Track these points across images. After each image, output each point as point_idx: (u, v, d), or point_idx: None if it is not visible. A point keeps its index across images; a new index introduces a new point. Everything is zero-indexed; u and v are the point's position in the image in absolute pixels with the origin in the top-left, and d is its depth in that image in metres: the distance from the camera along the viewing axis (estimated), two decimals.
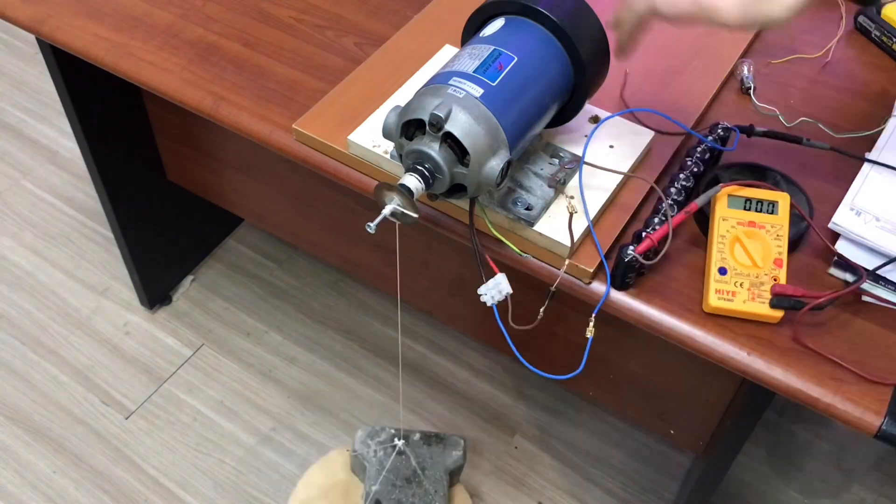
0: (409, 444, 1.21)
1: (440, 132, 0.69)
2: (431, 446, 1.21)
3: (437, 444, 1.22)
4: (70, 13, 1.05)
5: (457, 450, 1.22)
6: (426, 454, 1.21)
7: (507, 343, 0.80)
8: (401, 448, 1.19)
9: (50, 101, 2.10)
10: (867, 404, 0.71)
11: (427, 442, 1.22)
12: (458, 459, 1.21)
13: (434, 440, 1.23)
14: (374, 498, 1.16)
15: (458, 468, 1.23)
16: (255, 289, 1.74)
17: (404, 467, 1.19)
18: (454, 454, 1.21)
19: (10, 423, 1.52)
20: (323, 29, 1.04)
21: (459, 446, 1.22)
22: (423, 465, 1.19)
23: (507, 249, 0.81)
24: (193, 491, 1.45)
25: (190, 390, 1.58)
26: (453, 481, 1.24)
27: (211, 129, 1.30)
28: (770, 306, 0.74)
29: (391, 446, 1.21)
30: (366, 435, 1.23)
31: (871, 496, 1.46)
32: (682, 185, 0.82)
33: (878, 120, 0.94)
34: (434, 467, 1.19)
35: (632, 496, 1.46)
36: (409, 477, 1.18)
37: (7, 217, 1.85)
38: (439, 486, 1.18)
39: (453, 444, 1.22)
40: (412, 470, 1.19)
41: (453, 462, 1.21)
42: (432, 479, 1.18)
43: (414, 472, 1.18)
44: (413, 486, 1.18)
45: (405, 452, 1.19)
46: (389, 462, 1.19)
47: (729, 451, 1.01)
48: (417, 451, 1.21)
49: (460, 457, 1.22)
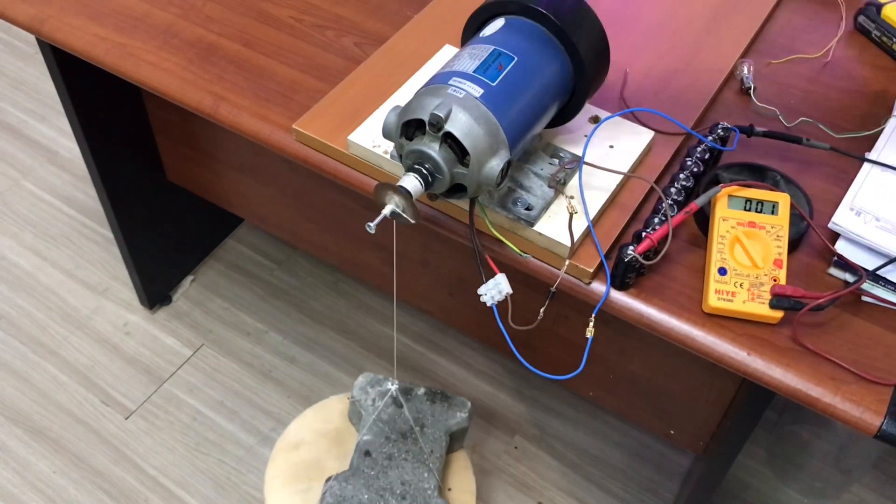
0: (410, 398, 1.14)
1: (440, 132, 0.69)
2: (435, 403, 1.13)
3: (442, 403, 1.14)
4: (70, 13, 1.05)
5: (462, 411, 1.13)
6: (427, 411, 1.13)
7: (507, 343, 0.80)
8: (397, 397, 1.13)
9: (50, 101, 2.10)
10: (867, 404, 0.71)
11: (431, 399, 1.14)
12: (462, 422, 1.13)
13: (439, 398, 1.14)
14: (364, 448, 1.08)
15: (461, 431, 1.14)
16: (255, 289, 1.74)
17: (402, 421, 1.11)
18: (458, 415, 1.12)
19: (10, 423, 1.52)
20: (323, 29, 1.04)
21: (465, 408, 1.13)
22: (423, 421, 1.11)
23: (507, 249, 0.81)
24: (193, 491, 1.45)
25: (190, 390, 1.58)
26: (455, 446, 1.16)
27: (211, 129, 1.30)
28: (770, 307, 0.74)
29: (391, 397, 1.13)
30: (366, 382, 1.15)
31: (871, 496, 1.47)
32: (681, 185, 0.82)
33: (878, 120, 0.94)
34: (434, 426, 1.11)
35: (632, 496, 1.46)
36: (406, 432, 1.10)
37: (7, 217, 1.85)
38: (437, 446, 1.09)
39: (459, 405, 1.14)
40: (410, 425, 1.10)
41: (456, 424, 1.12)
42: (430, 437, 1.10)
43: (411, 428, 1.10)
44: (408, 443, 1.09)
45: (404, 406, 1.13)
46: (386, 413, 1.11)
47: (729, 451, 1.01)
48: (419, 407, 1.13)
49: (464, 419, 1.13)
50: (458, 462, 1.16)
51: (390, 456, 1.08)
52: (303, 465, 1.14)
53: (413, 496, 1.05)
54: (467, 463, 1.17)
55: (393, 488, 1.05)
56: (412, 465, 1.07)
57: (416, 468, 1.07)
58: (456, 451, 1.16)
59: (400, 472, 1.06)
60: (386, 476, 1.06)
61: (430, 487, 1.05)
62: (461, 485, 1.12)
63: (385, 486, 1.05)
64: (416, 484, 1.06)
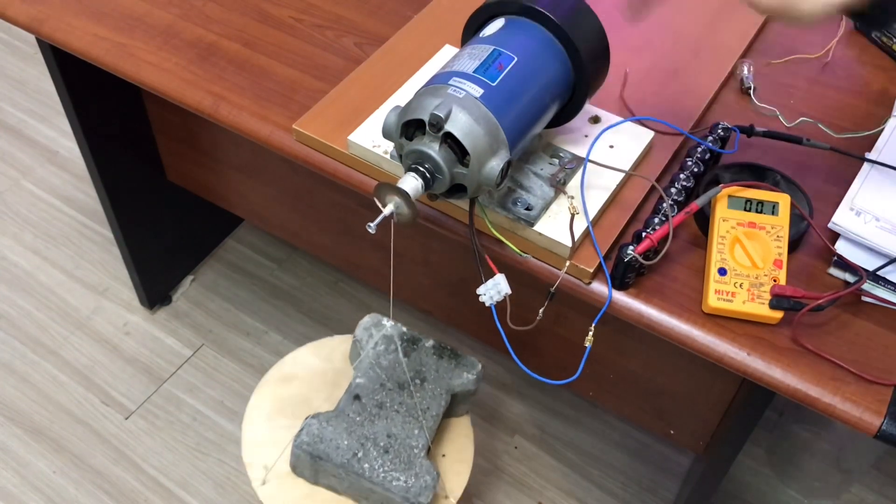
0: (416, 349, 1.04)
1: (440, 132, 0.69)
2: (442, 359, 1.03)
3: (450, 360, 1.04)
4: (70, 13, 1.05)
5: (469, 372, 1.03)
6: (432, 365, 1.03)
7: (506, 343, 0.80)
8: (392, 339, 1.03)
9: (50, 101, 2.10)
10: (867, 404, 0.71)
11: (439, 353, 1.04)
12: (468, 383, 1.02)
13: (448, 354, 1.04)
14: (355, 391, 0.99)
15: (466, 394, 1.04)
16: (255, 289, 1.74)
17: (402, 371, 1.02)
18: (465, 376, 1.02)
19: (10, 423, 1.52)
20: (323, 29, 1.04)
21: (474, 370, 1.03)
22: (425, 375, 1.01)
23: (507, 249, 0.80)
24: (193, 491, 1.45)
25: (190, 390, 1.58)
26: (458, 409, 1.06)
27: (211, 129, 1.30)
28: (769, 307, 0.74)
29: (395, 343, 1.04)
30: (372, 323, 1.06)
31: (871, 496, 1.47)
32: (682, 185, 0.82)
33: (878, 120, 0.94)
34: (436, 382, 1.01)
35: (632, 496, 1.46)
36: (404, 383, 1.01)
37: (7, 217, 1.85)
38: (434, 404, 0.99)
39: (467, 365, 1.04)
40: (410, 376, 1.01)
41: (461, 384, 1.02)
42: (429, 393, 1.00)
43: (411, 380, 1.01)
44: (404, 395, 0.99)
45: (407, 355, 1.03)
46: (387, 359, 1.02)
47: (729, 451, 1.01)
48: (423, 359, 1.03)
49: (470, 381, 1.03)
50: (459, 428, 1.07)
51: (381, 404, 0.99)
52: (290, 400, 1.05)
53: (397, 451, 0.95)
54: (469, 431, 1.07)
55: (377, 439, 0.96)
56: (403, 419, 0.97)
57: (406, 423, 0.97)
58: (460, 415, 1.07)
59: (388, 423, 0.97)
60: (372, 425, 0.97)
61: (417, 446, 0.96)
62: (458, 454, 1.03)
63: (368, 436, 0.96)
64: (403, 439, 0.96)
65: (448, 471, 1.00)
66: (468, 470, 1.01)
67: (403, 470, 0.93)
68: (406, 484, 0.92)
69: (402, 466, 0.93)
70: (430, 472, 0.93)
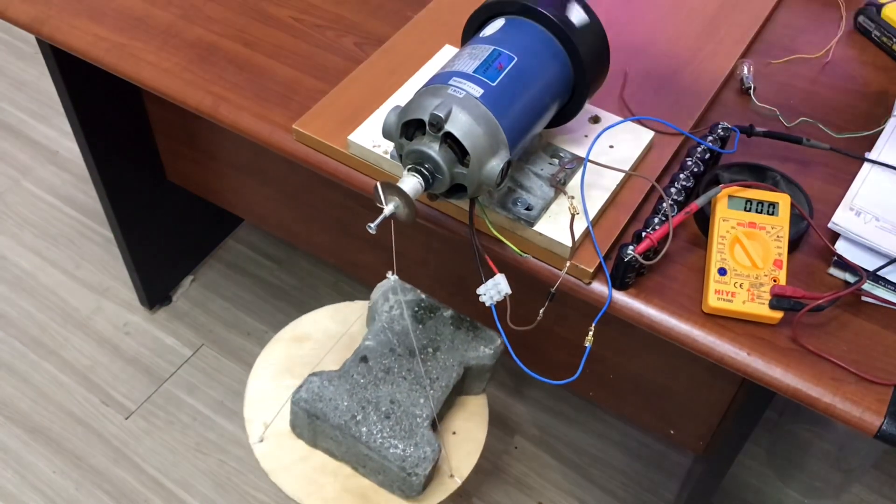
0: (433, 318, 0.98)
1: (440, 132, 0.69)
2: (459, 330, 0.97)
3: (467, 332, 0.97)
4: (70, 13, 1.05)
5: (487, 346, 0.96)
6: (448, 335, 0.97)
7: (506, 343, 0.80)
8: (412, 305, 0.97)
9: (50, 101, 2.10)
10: (867, 404, 0.71)
11: (457, 324, 0.97)
12: (484, 358, 0.95)
13: (466, 326, 0.98)
14: (363, 353, 0.95)
15: (482, 370, 0.97)
16: (255, 289, 1.74)
17: (415, 338, 0.96)
18: (481, 349, 0.95)
19: (10, 423, 1.52)
20: (323, 29, 1.04)
21: (492, 344, 0.96)
22: (439, 344, 0.95)
23: (507, 249, 0.81)
24: (193, 491, 1.45)
25: (190, 390, 1.58)
26: (474, 386, 1.00)
27: (211, 129, 1.30)
28: (769, 307, 0.74)
29: (412, 309, 0.98)
30: (389, 286, 1.00)
31: (871, 496, 1.47)
32: (682, 185, 0.82)
33: (878, 120, 0.94)
34: (450, 353, 0.95)
35: (632, 496, 1.46)
36: (414, 350, 0.95)
37: (7, 217, 1.85)
38: (445, 375, 0.93)
39: (485, 339, 0.96)
40: (423, 344, 0.95)
41: (475, 358, 0.95)
42: (441, 363, 0.94)
43: (423, 348, 0.95)
44: (413, 362, 0.94)
45: (423, 322, 0.97)
46: (400, 325, 0.96)
47: (729, 451, 1.01)
48: (439, 328, 0.97)
49: (487, 356, 0.96)
50: (473, 407, 1.00)
51: (388, 369, 0.94)
52: (300, 360, 1.01)
53: (398, 419, 0.90)
54: (484, 411, 1.00)
55: (379, 404, 0.91)
56: (409, 387, 0.92)
57: (413, 391, 0.92)
58: (476, 393, 1.01)
59: (393, 389, 0.92)
60: (376, 389, 0.92)
61: (421, 416, 0.91)
62: (469, 432, 0.97)
63: (371, 399, 0.92)
64: (406, 407, 0.91)
65: (457, 449, 0.95)
66: (478, 450, 0.96)
67: (403, 438, 0.88)
68: (403, 452, 0.87)
69: (403, 434, 0.89)
70: (431, 443, 0.88)
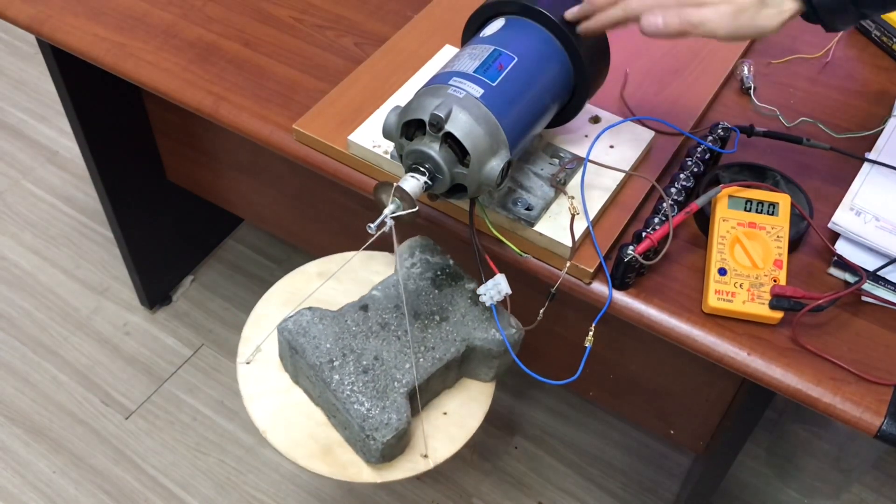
0: (454, 286, 0.88)
1: (440, 132, 0.69)
2: (476, 306, 0.86)
3: (483, 311, 0.85)
4: (70, 13, 1.05)
5: (499, 331, 0.84)
6: (461, 308, 0.86)
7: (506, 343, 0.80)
8: (432, 266, 0.87)
9: (50, 101, 2.10)
10: (867, 404, 0.71)
11: (475, 300, 0.86)
12: (491, 343, 0.83)
13: (482, 305, 0.85)
14: (365, 302, 0.87)
15: (487, 355, 0.85)
16: (256, 289, 1.74)
17: (425, 302, 0.86)
18: (491, 332, 0.83)
19: (10, 423, 1.52)
20: (323, 29, 1.04)
21: (511, 328, 0.84)
22: (447, 315, 0.85)
23: (507, 250, 0.80)
24: (193, 491, 1.45)
25: (190, 390, 1.58)
26: (480, 372, 0.88)
27: (211, 129, 1.30)
28: (769, 307, 0.74)
29: (430, 271, 0.88)
30: (418, 246, 0.90)
31: (871, 496, 1.46)
32: (682, 185, 0.82)
33: (878, 120, 0.94)
34: (456, 327, 0.84)
35: (632, 496, 1.46)
36: (420, 314, 0.86)
37: (7, 217, 1.85)
38: (441, 348, 0.83)
39: (505, 324, 0.84)
40: (431, 310, 0.86)
41: (483, 340, 0.83)
42: (442, 335, 0.84)
43: (430, 314, 0.85)
44: (413, 326, 0.85)
45: (440, 288, 0.87)
46: (415, 284, 0.87)
47: (729, 451, 1.01)
48: (455, 299, 0.87)
49: (494, 342, 0.83)
50: (476, 393, 0.89)
51: (385, 325, 0.86)
52: (316, 295, 0.94)
53: (376, 376, 0.82)
54: (486, 399, 0.89)
55: (361, 356, 0.84)
56: (400, 348, 0.84)
57: (401, 353, 0.84)
58: (483, 380, 0.89)
59: (382, 346, 0.84)
60: (365, 340, 0.84)
61: (401, 381, 0.81)
62: (461, 418, 0.86)
63: (355, 349, 0.84)
64: (388, 368, 0.82)
65: (440, 430, 0.86)
66: (465, 438, 0.86)
67: (372, 397, 0.81)
68: (367, 412, 0.80)
69: (373, 394, 0.81)
70: (399, 411, 0.79)
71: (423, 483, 1.46)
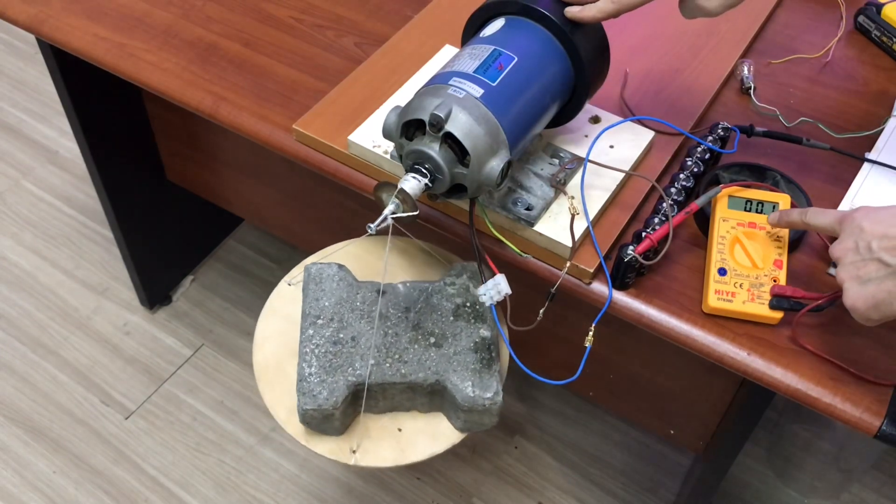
0: (470, 325, 0.82)
1: (440, 132, 0.69)
2: (473, 353, 0.81)
3: (475, 362, 0.80)
4: (70, 13, 1.05)
5: (472, 388, 0.78)
6: (459, 346, 0.81)
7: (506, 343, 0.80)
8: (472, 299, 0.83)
9: (50, 101, 2.10)
10: (867, 404, 0.71)
11: (478, 347, 0.82)
12: (460, 394, 0.78)
13: (482, 357, 0.81)
14: (386, 288, 0.85)
15: (453, 403, 0.79)
16: (256, 289, 1.74)
17: (433, 321, 0.83)
18: (466, 386, 0.78)
19: (10, 423, 1.52)
20: (323, 29, 1.04)
21: (477, 400, 0.78)
22: (441, 343, 0.82)
23: (507, 250, 0.80)
24: (193, 491, 1.45)
25: (190, 390, 1.58)
26: (449, 415, 0.82)
27: (211, 129, 1.30)
28: (769, 307, 0.74)
29: (461, 298, 0.84)
30: (470, 271, 0.86)
31: (871, 496, 1.46)
32: (682, 185, 0.82)
33: (878, 120, 0.94)
34: (441, 359, 0.80)
35: (632, 496, 1.46)
36: (420, 328, 0.82)
37: (7, 217, 1.85)
38: (412, 367, 0.80)
39: (481, 387, 0.78)
40: (432, 330, 0.82)
41: (454, 386, 0.79)
42: (422, 358, 0.81)
43: (428, 334, 0.82)
44: (406, 332, 0.82)
45: (456, 318, 0.83)
46: (444, 305, 0.84)
47: (729, 450, 1.01)
48: (460, 334, 0.82)
49: (466, 398, 0.78)
50: (441, 429, 0.82)
51: (385, 316, 0.83)
52: (370, 264, 0.91)
53: (339, 353, 0.81)
54: (445, 443, 0.82)
55: (342, 329, 0.82)
56: (380, 343, 0.82)
57: (377, 349, 0.82)
58: (454, 426, 0.82)
59: (369, 333, 0.82)
60: (359, 319, 0.83)
61: (355, 370, 0.79)
62: (410, 445, 0.81)
63: (343, 320, 0.83)
64: (354, 353, 0.81)
65: (384, 441, 0.82)
66: (396, 461, 0.81)
67: (321, 367, 0.79)
68: (307, 375, 0.79)
69: (325, 365, 0.80)
70: (332, 393, 0.78)
71: (423, 483, 1.46)
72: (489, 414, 0.79)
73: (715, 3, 0.75)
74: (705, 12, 0.76)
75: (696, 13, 0.77)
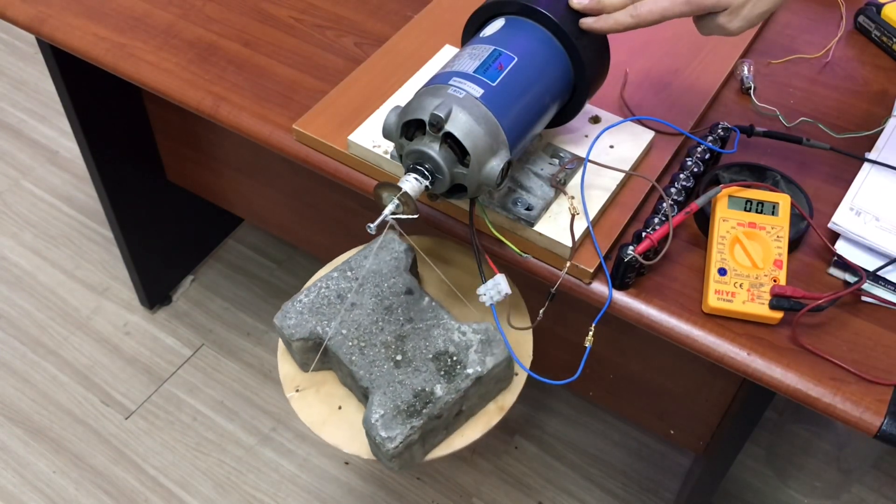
0: (455, 374, 0.77)
1: (440, 132, 0.69)
2: (440, 371, 0.78)
3: (441, 374, 0.78)
4: (70, 13, 1.05)
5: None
6: (427, 378, 0.78)
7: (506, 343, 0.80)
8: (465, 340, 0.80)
9: (50, 101, 2.10)
10: (867, 404, 0.71)
11: (439, 366, 0.79)
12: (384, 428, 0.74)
13: (446, 367, 0.78)
14: (410, 288, 0.84)
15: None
16: (255, 289, 1.74)
17: (425, 346, 0.80)
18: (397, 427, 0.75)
19: (10, 423, 1.52)
20: (323, 29, 1.04)
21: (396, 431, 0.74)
22: (411, 359, 0.80)
23: (507, 250, 0.81)
24: (193, 491, 1.45)
25: (190, 390, 1.58)
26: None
27: (211, 129, 1.30)
28: (769, 307, 0.74)
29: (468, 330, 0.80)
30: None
31: (871, 496, 1.46)
32: (682, 185, 0.82)
33: (878, 120, 0.94)
34: (415, 372, 0.78)
35: (632, 496, 1.46)
36: (405, 323, 0.82)
37: (7, 217, 1.85)
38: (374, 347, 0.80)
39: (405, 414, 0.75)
40: (417, 354, 0.80)
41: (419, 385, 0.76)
42: (371, 359, 0.79)
43: (410, 359, 0.80)
44: (400, 329, 0.81)
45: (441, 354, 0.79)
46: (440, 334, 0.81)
47: (729, 451, 1.01)
48: (429, 363, 0.79)
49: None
50: (329, 395, 0.83)
51: (391, 308, 0.82)
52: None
53: (328, 302, 0.83)
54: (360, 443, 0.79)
55: (352, 290, 0.84)
56: (366, 327, 0.82)
57: (352, 317, 0.82)
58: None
59: (364, 302, 0.83)
60: (367, 292, 0.84)
61: (329, 334, 0.81)
62: (304, 405, 0.84)
63: (362, 284, 0.84)
64: (336, 308, 0.83)
65: (324, 403, 0.84)
66: (312, 423, 0.82)
67: (304, 307, 0.83)
68: (293, 302, 0.83)
69: (308, 306, 0.84)
70: (290, 325, 0.82)
71: (423, 483, 1.46)
72: (382, 453, 0.76)
73: (737, 24, 0.74)
74: (726, 32, 0.75)
75: (714, 32, 0.76)
